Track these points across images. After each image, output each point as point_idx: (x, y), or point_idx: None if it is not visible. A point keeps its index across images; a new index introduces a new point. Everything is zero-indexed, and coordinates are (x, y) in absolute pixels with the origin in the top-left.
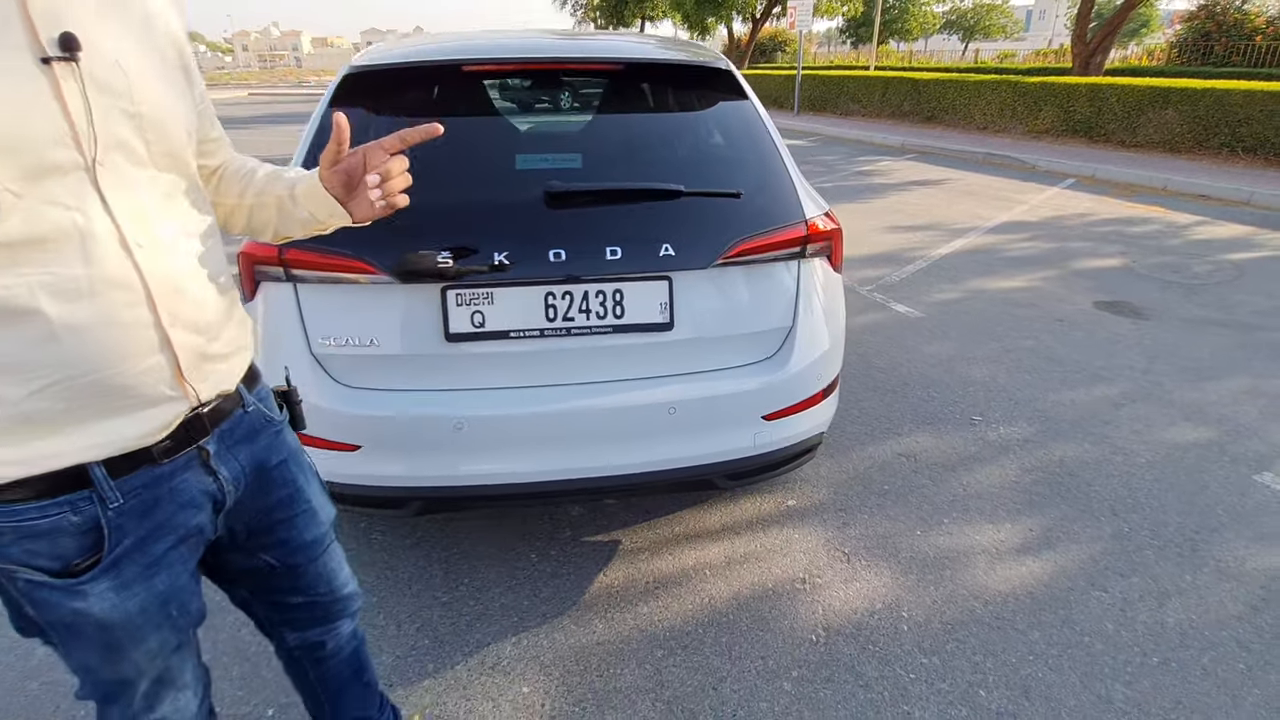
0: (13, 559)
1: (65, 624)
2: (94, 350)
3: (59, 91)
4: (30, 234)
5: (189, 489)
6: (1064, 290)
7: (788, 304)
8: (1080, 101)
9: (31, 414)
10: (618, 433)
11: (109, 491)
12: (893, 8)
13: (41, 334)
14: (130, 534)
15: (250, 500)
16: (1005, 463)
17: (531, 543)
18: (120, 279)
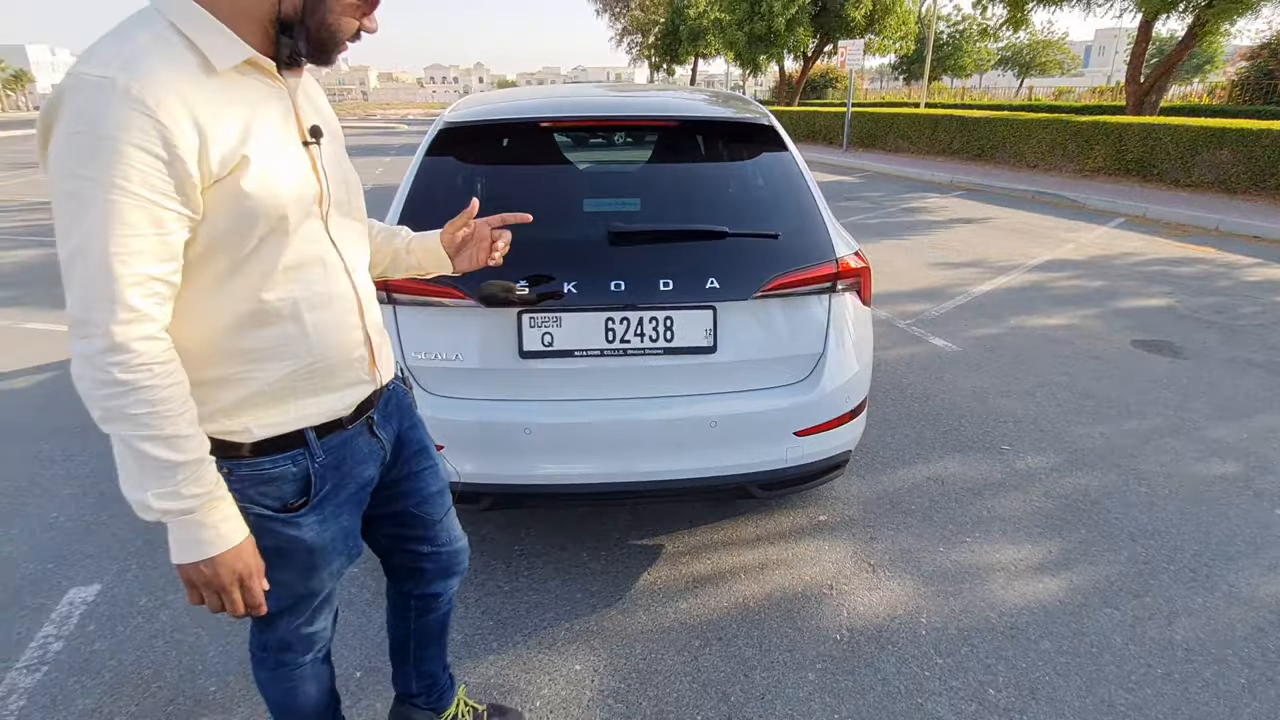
0: (250, 499)
1: (279, 548)
2: (329, 343)
3: (316, 167)
4: (297, 260)
5: (363, 448)
6: (1104, 328)
7: (819, 333)
8: (1133, 141)
9: (280, 391)
10: (666, 442)
11: (316, 450)
12: (945, 44)
13: (299, 331)
14: (328, 482)
15: (395, 456)
16: (1030, 489)
17: (584, 544)
18: (345, 294)
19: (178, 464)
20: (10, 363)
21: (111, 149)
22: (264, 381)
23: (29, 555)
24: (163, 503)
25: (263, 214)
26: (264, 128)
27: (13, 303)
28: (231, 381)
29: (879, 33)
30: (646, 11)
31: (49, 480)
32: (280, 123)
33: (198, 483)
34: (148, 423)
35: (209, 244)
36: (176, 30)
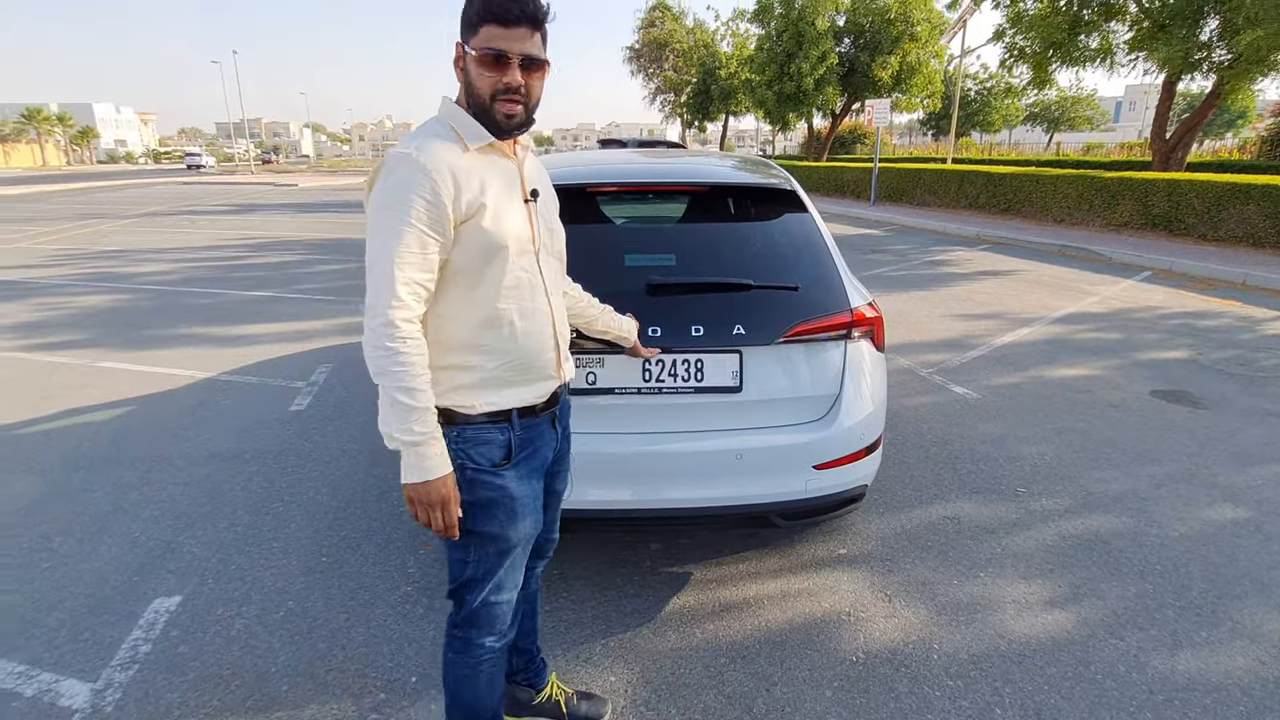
0: (469, 456)
1: (488, 499)
2: (531, 345)
3: (531, 218)
4: (515, 282)
5: (546, 434)
6: (1123, 379)
7: (836, 375)
8: (1158, 197)
9: (494, 379)
10: (696, 472)
11: (517, 425)
12: (973, 101)
13: (512, 334)
14: (524, 450)
15: (560, 448)
16: (1043, 529)
17: (618, 570)
18: (544, 309)
19: (414, 409)
20: (88, 398)
21: (405, 195)
22: (487, 369)
23: (117, 569)
24: (402, 435)
25: (493, 244)
26: (498, 187)
27: (88, 344)
28: (467, 367)
29: (906, 91)
30: (679, 72)
31: (130, 504)
32: (509, 184)
33: (423, 424)
34: (400, 378)
35: (458, 265)
36: (449, 126)
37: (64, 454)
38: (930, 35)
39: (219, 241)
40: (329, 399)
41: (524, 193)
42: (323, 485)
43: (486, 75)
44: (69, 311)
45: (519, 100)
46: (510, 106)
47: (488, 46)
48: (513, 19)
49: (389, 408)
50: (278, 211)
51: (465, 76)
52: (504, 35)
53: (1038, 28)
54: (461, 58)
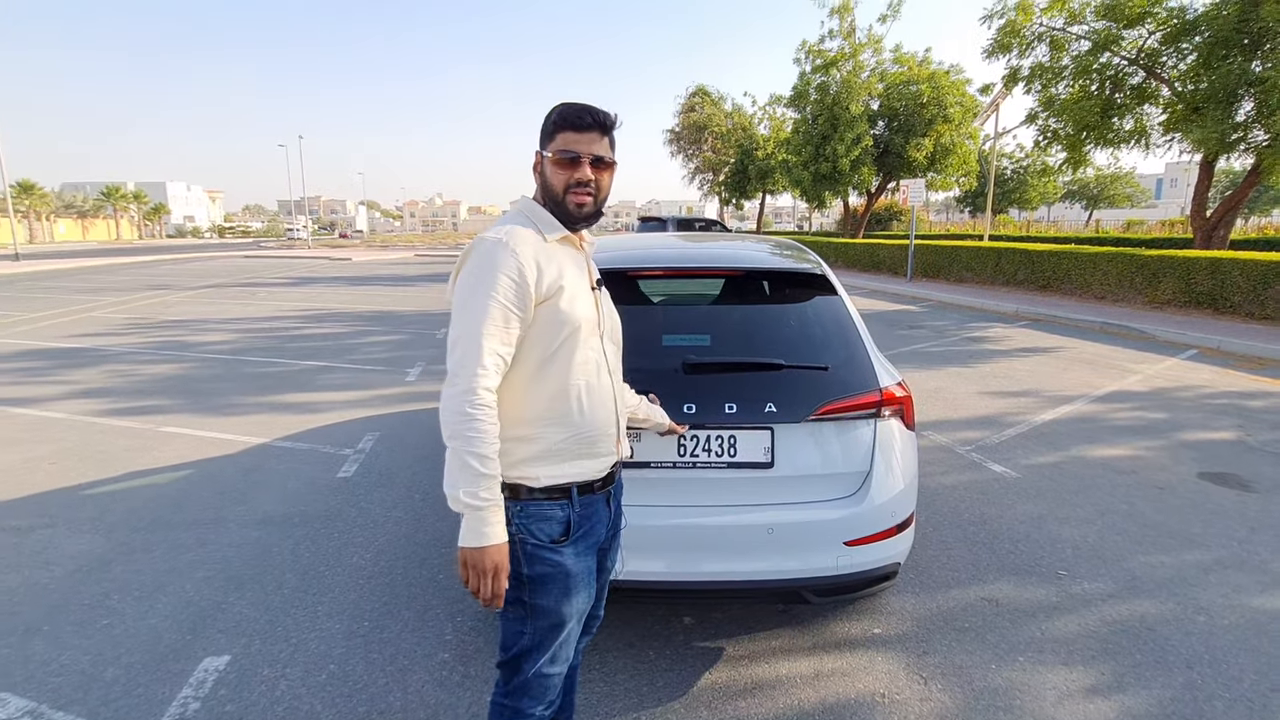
0: (529, 531)
1: (544, 574)
2: (595, 420)
3: (597, 303)
4: (584, 359)
5: (601, 512)
6: (1168, 460)
7: (866, 452)
8: (1201, 275)
9: (559, 451)
10: (728, 546)
11: (576, 502)
12: (1010, 179)
13: (578, 407)
14: (581, 528)
15: (613, 528)
16: (1085, 614)
17: (651, 643)
18: (608, 386)
19: (482, 474)
20: (152, 461)
21: (494, 274)
22: (552, 441)
23: (171, 628)
24: (468, 499)
25: (567, 324)
26: (571, 272)
27: (153, 409)
28: (534, 439)
29: (940, 171)
30: (718, 153)
31: (186, 564)
32: (581, 272)
33: (490, 491)
34: (475, 443)
35: (535, 341)
36: (529, 218)
37: (128, 514)
38: (963, 118)
39: (277, 313)
40: (375, 466)
41: (591, 280)
42: (366, 550)
43: (561, 173)
44: (136, 378)
45: (589, 193)
46: (581, 197)
47: (564, 150)
48: (585, 126)
49: (459, 470)
50: (332, 284)
51: (542, 178)
52: (577, 139)
53: (1070, 111)
54: (540, 162)
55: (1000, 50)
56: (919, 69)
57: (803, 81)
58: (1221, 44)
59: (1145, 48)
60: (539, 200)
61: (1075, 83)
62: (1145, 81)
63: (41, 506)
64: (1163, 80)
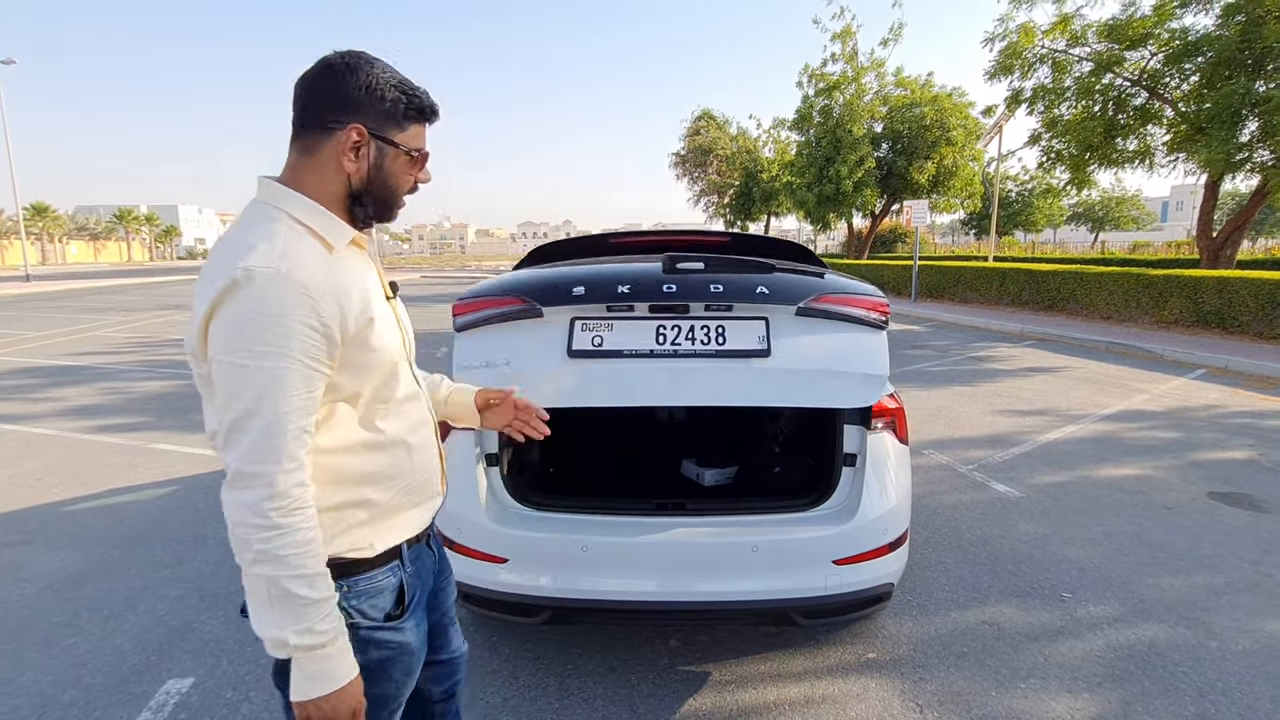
0: (362, 613)
1: (384, 659)
2: (424, 463)
3: (399, 320)
4: (404, 394)
5: (427, 560)
6: (1177, 480)
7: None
8: (1208, 294)
9: (391, 507)
10: (709, 564)
11: (407, 560)
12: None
13: (405, 452)
14: (415, 590)
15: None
16: (1091, 638)
17: (633, 667)
18: (429, 420)
19: (316, 601)
20: (139, 477)
21: (284, 327)
22: (383, 500)
23: (136, 648)
24: (299, 639)
25: (380, 361)
26: (372, 291)
27: (144, 426)
28: (361, 503)
29: (944, 193)
30: (723, 175)
31: (160, 582)
32: (376, 284)
33: (330, 619)
34: (295, 563)
35: (344, 390)
36: (296, 221)
37: (106, 532)
38: (966, 140)
39: None
40: None
41: (385, 290)
42: None
43: (409, 173)
44: (130, 396)
45: None
46: (424, 172)
47: (419, 148)
48: (434, 120)
49: (280, 604)
50: None
51: (369, 168)
52: (423, 134)
53: (1073, 132)
54: (364, 144)
55: (1003, 72)
56: (921, 92)
57: (806, 104)
58: (1224, 64)
59: (1148, 69)
60: (310, 190)
61: (1078, 104)
62: (1148, 102)
63: (21, 523)
64: (1166, 101)
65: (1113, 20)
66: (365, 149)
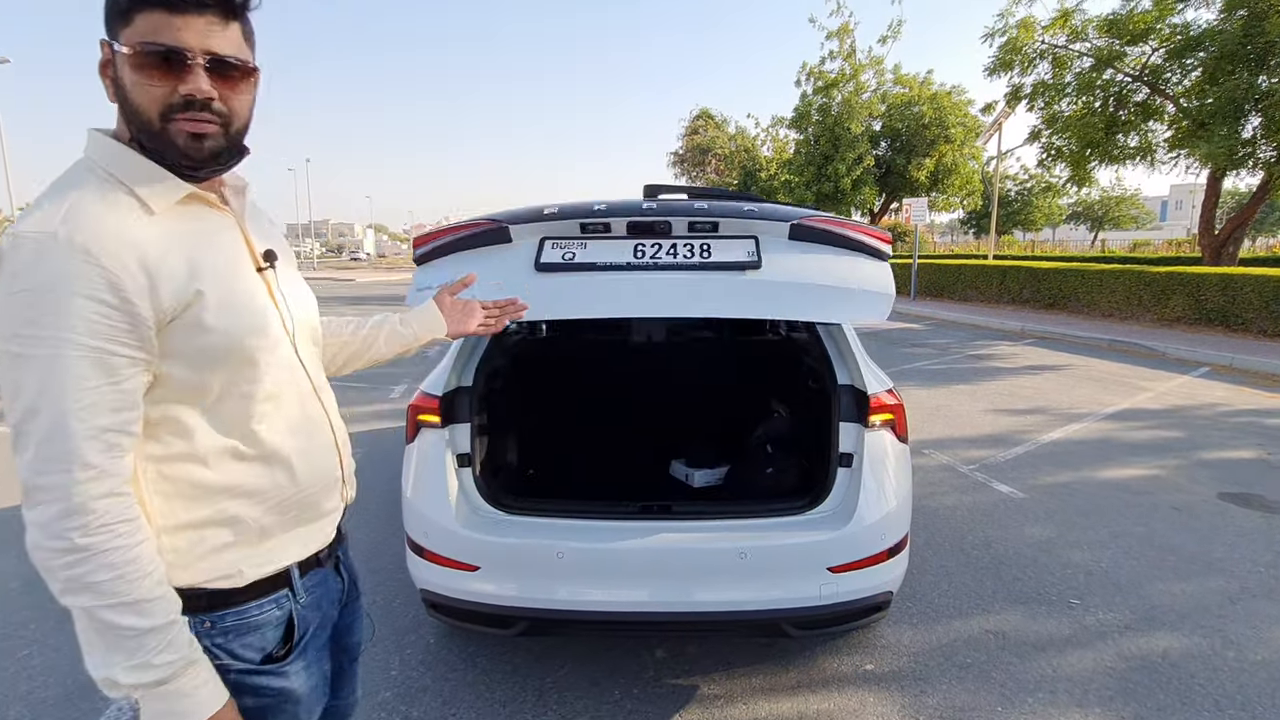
0: (232, 653)
1: (262, 707)
2: (311, 470)
3: (273, 294)
4: (274, 388)
5: (333, 586)
6: (1185, 480)
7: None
8: (1211, 291)
9: (268, 526)
10: (693, 572)
11: (299, 589)
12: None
13: (283, 460)
14: (310, 624)
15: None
16: (1101, 648)
17: (617, 680)
18: (319, 416)
19: (147, 630)
20: None
21: (55, 302)
22: (254, 518)
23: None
24: (133, 675)
25: (227, 347)
26: (216, 260)
27: None
28: (221, 521)
29: (943, 191)
30: (721, 174)
31: None
32: (232, 252)
33: (171, 648)
34: (113, 589)
35: (181, 382)
36: (115, 178)
37: None
38: (966, 137)
39: None
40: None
41: (255, 259)
42: None
43: (150, 85)
44: None
45: (211, 120)
46: (196, 124)
47: (150, 42)
48: (189, 4)
49: (102, 638)
50: (329, 304)
51: (119, 92)
52: (173, 25)
53: (1074, 128)
54: (110, 63)
55: (1002, 68)
56: (920, 89)
57: (804, 103)
58: (1227, 59)
59: (1149, 64)
60: (124, 137)
61: (1078, 99)
62: (1149, 98)
63: None
64: (1167, 96)
65: (1113, 15)
66: (111, 66)
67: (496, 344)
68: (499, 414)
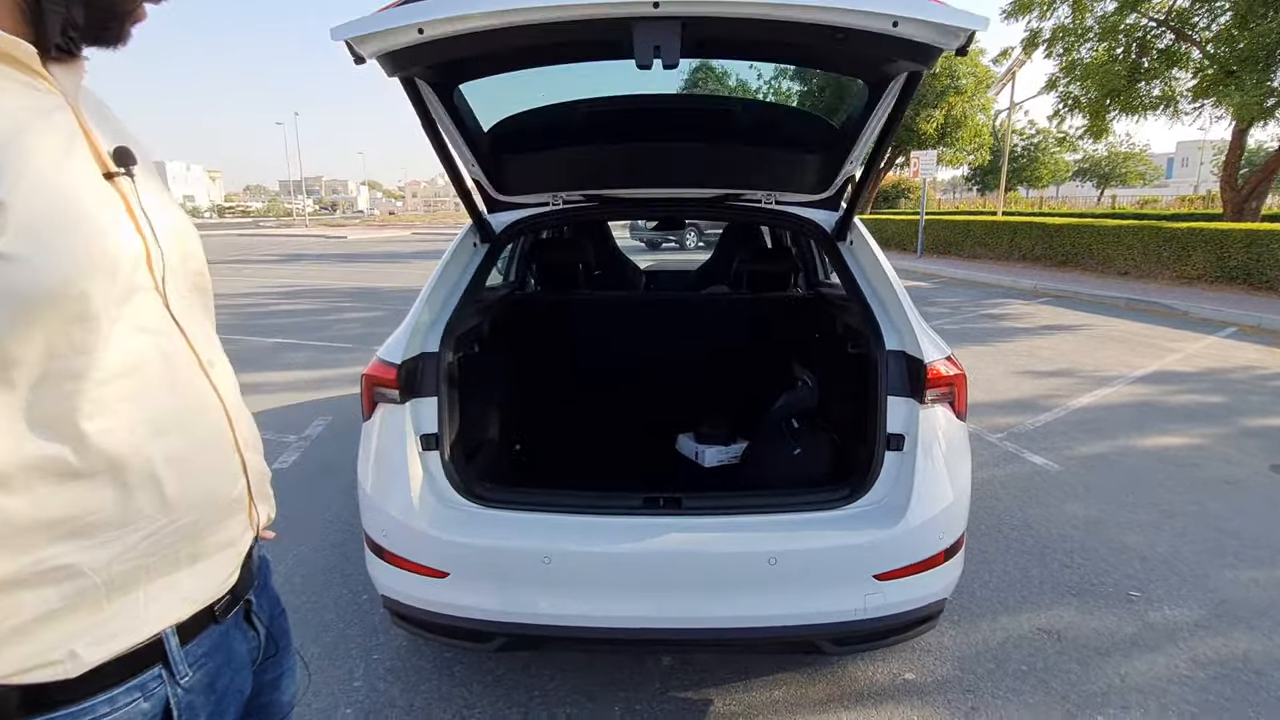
0: None
1: None
2: (192, 485)
3: (130, 209)
4: (126, 361)
5: (239, 649)
6: (1233, 450)
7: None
8: (1236, 248)
9: (121, 577)
10: (712, 582)
11: (179, 664)
12: (1021, 156)
13: (143, 476)
14: (200, 712)
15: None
16: (1173, 652)
17: (616, 693)
18: (206, 402)
19: None
20: None
21: None
22: (94, 566)
23: None
24: None
25: (40, 291)
26: (32, 155)
27: None
28: (39, 577)
29: (951, 144)
30: None
31: None
32: (62, 147)
33: None
34: None
35: None
36: None
37: None
38: (976, 89)
39: (256, 288)
40: (317, 455)
41: (100, 159)
42: (284, 560)
43: None
44: None
45: None
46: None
47: None
48: None
49: None
50: (321, 261)
51: None
52: None
53: (1094, 76)
54: None
55: (1021, 11)
56: None
57: None
58: (1260, 1)
59: (1175, 8)
60: None
61: (1100, 45)
62: (1174, 44)
63: None
64: (1193, 43)
65: None
66: None
67: (472, 301)
68: (475, 385)
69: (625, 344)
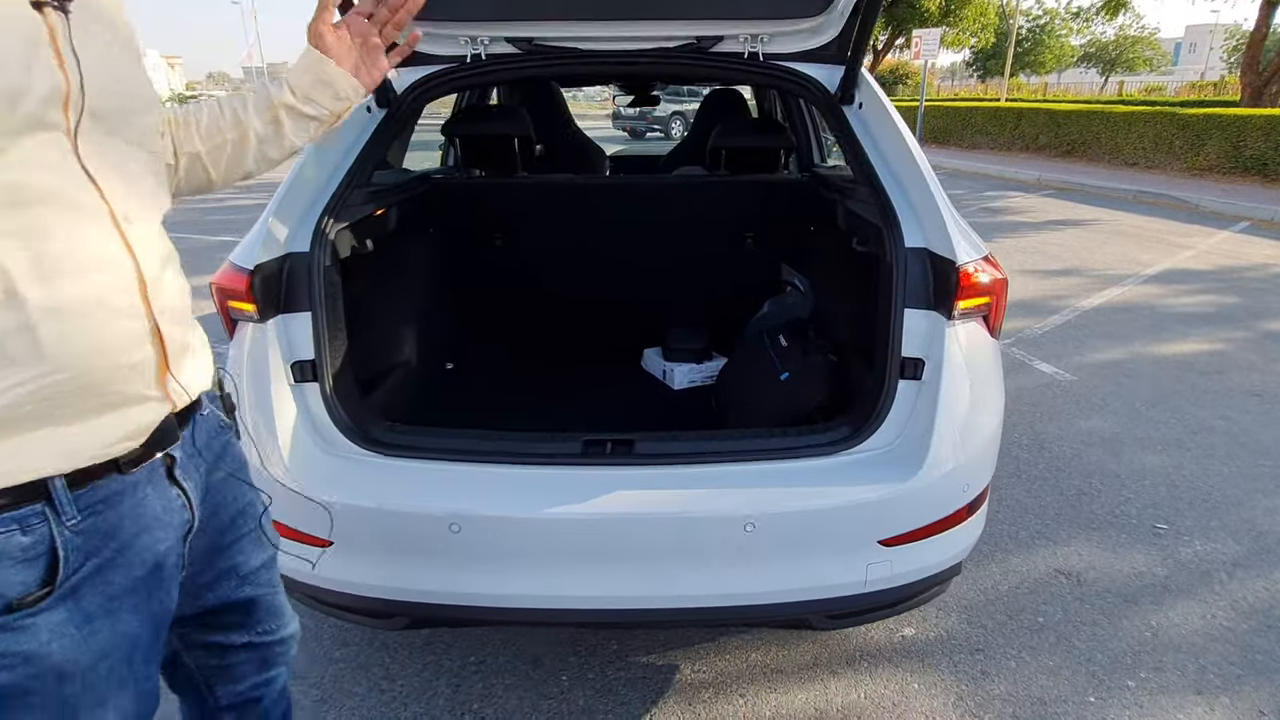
0: None
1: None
2: (77, 343)
3: (53, 39)
4: (13, 196)
5: (151, 506)
6: (1257, 356)
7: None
8: (1253, 136)
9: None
10: (672, 551)
11: (66, 507)
12: (1025, 40)
13: (19, 320)
14: (90, 558)
15: (205, 520)
16: (1209, 597)
17: (566, 660)
18: (110, 258)
19: None
20: None
21: None
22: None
23: None
24: None
25: None
26: None
27: None
28: None
29: (955, 25)
30: None
31: None
32: None
33: None
34: None
35: None
36: None
37: None
38: None
39: None
40: None
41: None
42: None
43: None
44: None
45: None
46: None
47: None
48: None
49: None
50: None
51: None
52: None
53: None
54: None
55: None
56: None
57: None
58: None
59: None
60: None
61: None
62: None
63: None
64: None
65: None
66: None
67: (363, 185)
68: (378, 294)
69: (578, 239)
